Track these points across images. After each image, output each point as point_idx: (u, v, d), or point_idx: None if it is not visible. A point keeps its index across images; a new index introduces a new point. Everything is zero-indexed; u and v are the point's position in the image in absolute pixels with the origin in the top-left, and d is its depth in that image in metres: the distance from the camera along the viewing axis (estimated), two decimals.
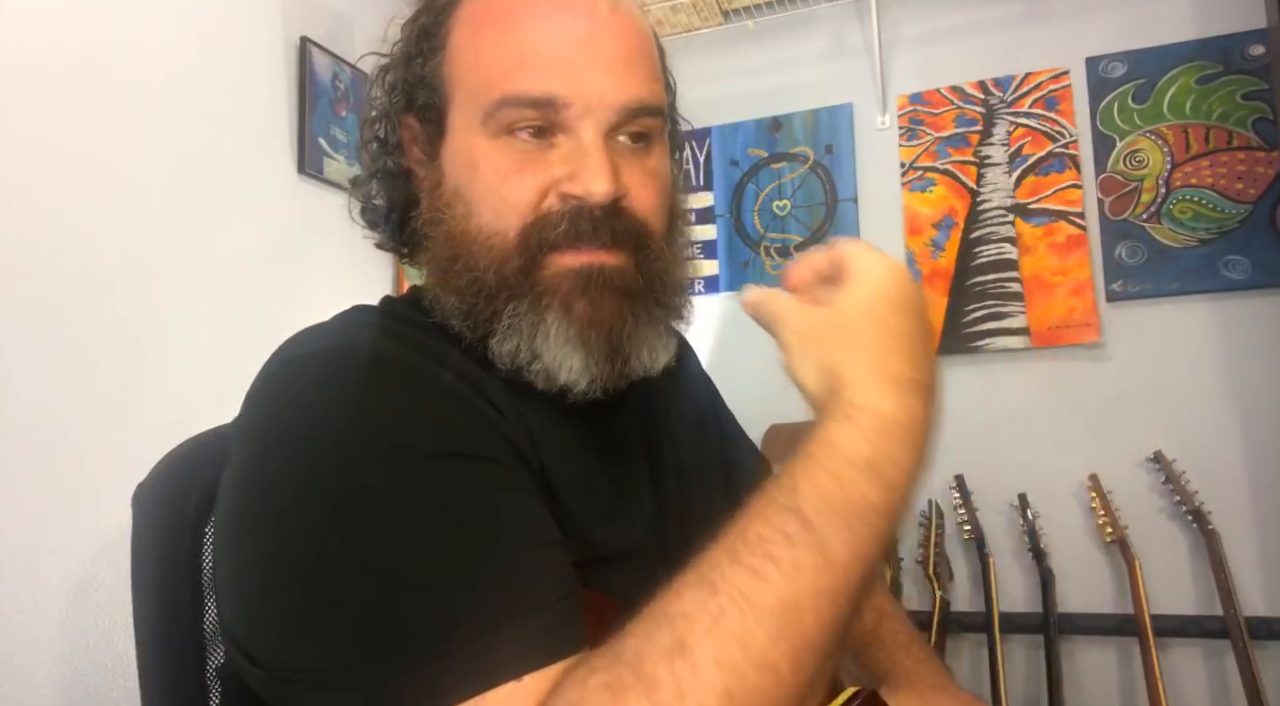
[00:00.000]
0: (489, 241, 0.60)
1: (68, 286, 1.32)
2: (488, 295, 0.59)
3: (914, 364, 0.49)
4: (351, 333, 0.57)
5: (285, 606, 0.47)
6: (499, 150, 0.60)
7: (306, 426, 0.50)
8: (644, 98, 0.62)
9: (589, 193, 0.58)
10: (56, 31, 1.34)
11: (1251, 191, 1.84)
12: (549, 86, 0.59)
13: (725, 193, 2.28)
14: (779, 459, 1.85)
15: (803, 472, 0.45)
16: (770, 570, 0.40)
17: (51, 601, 1.26)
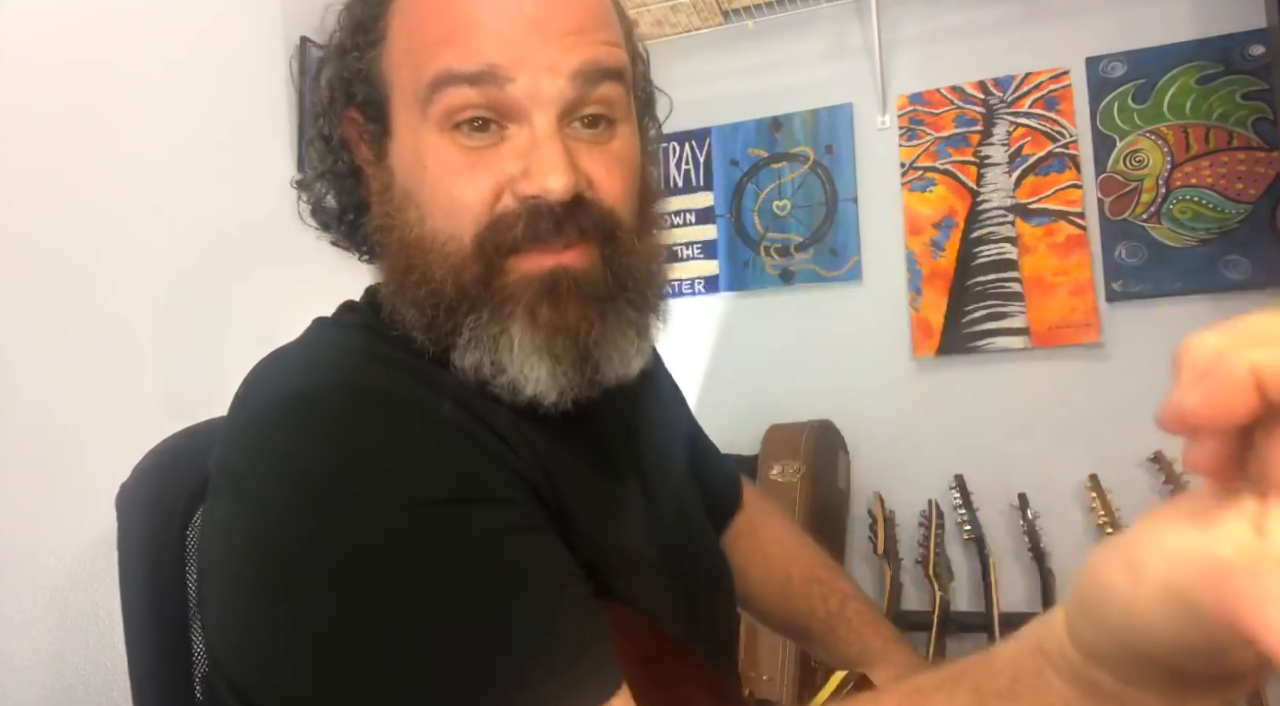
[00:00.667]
0: (444, 248, 0.56)
1: (67, 286, 1.32)
2: (447, 307, 0.55)
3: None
4: (340, 364, 0.54)
5: (311, 675, 0.45)
6: (446, 147, 0.55)
7: (314, 481, 0.47)
8: (600, 59, 0.56)
9: (545, 190, 0.54)
10: (56, 31, 1.34)
11: (1251, 191, 1.84)
12: (486, 56, 0.53)
13: (725, 193, 2.28)
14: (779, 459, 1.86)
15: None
16: None
17: (51, 601, 1.26)
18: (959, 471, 1.96)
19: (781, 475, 1.83)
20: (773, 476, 1.83)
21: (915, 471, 2.01)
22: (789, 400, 2.08)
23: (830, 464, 1.93)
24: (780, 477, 1.83)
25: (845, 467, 2.01)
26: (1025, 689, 0.35)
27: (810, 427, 1.92)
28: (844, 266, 2.15)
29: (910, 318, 2.06)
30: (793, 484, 1.81)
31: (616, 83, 0.58)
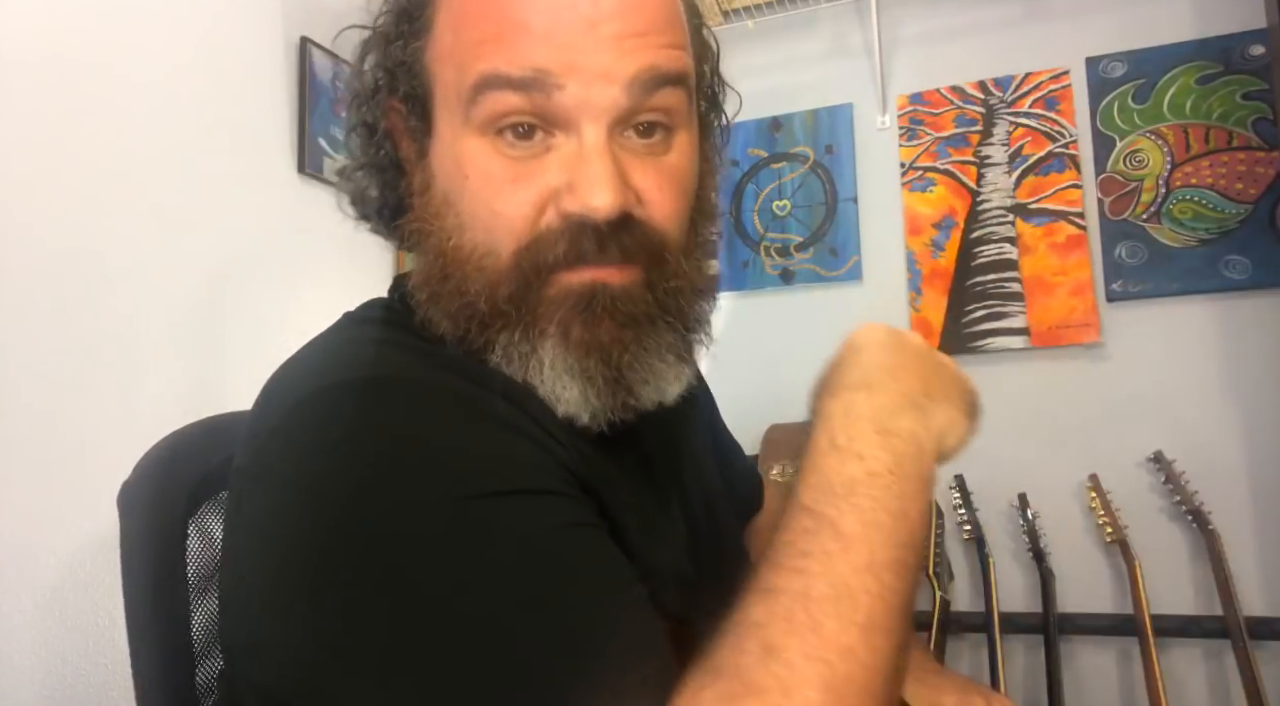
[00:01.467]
0: (481, 262, 0.53)
1: (67, 286, 1.32)
2: (480, 322, 0.53)
3: (856, 375, 0.51)
4: (382, 357, 0.52)
5: (362, 670, 0.42)
6: (489, 154, 0.52)
7: (361, 472, 0.44)
8: (659, 64, 0.52)
9: (590, 209, 0.50)
10: (56, 31, 1.34)
11: (1251, 191, 1.84)
12: (535, 59, 0.49)
13: (725, 193, 2.28)
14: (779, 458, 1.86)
15: (799, 477, 0.47)
16: (809, 564, 0.42)
17: (51, 601, 1.26)
18: (959, 471, 1.96)
19: (781, 475, 1.83)
20: (773, 476, 1.83)
21: None
22: (789, 400, 2.06)
23: None
24: (780, 477, 1.82)
25: None
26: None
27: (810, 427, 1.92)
28: (844, 266, 2.15)
29: (910, 318, 2.06)
30: (793, 484, 1.81)
31: (677, 88, 0.54)
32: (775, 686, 0.38)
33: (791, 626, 0.40)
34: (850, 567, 0.42)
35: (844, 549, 0.42)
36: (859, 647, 0.40)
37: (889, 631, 0.41)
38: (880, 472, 0.45)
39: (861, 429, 0.47)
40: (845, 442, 0.47)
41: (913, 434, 0.48)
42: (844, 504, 0.44)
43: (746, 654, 0.40)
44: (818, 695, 0.38)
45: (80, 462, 1.30)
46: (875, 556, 0.43)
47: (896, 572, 0.43)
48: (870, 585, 0.42)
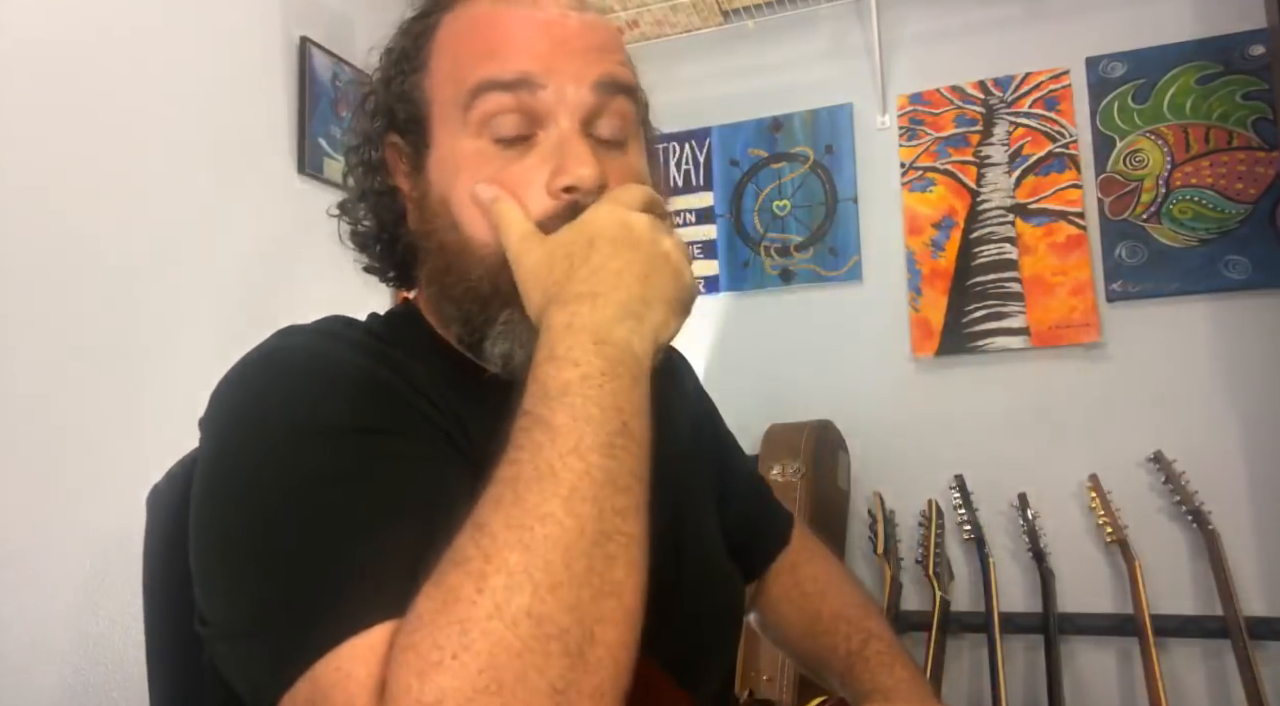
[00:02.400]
0: (479, 252, 0.61)
1: (68, 286, 1.32)
2: (482, 302, 0.61)
3: (586, 282, 0.54)
4: (298, 335, 0.60)
5: (220, 565, 0.52)
6: (480, 154, 0.61)
7: (248, 412, 0.55)
8: (616, 75, 0.63)
9: (579, 179, 0.59)
10: (56, 31, 1.34)
11: (1251, 191, 1.84)
12: (521, 66, 0.60)
13: (725, 193, 2.28)
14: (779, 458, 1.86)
15: (523, 384, 0.51)
16: (520, 455, 0.47)
17: (52, 601, 1.26)
18: (959, 471, 1.96)
19: (781, 475, 1.83)
20: (773, 476, 1.83)
21: (915, 471, 2.01)
22: (789, 400, 2.08)
23: (830, 463, 1.93)
24: (780, 477, 1.83)
25: (845, 467, 2.01)
26: None
27: (810, 427, 1.92)
28: (844, 266, 2.15)
29: (910, 317, 2.06)
30: (793, 484, 1.81)
31: (629, 99, 0.65)
32: (477, 554, 0.43)
33: (498, 505, 0.45)
34: (556, 453, 0.46)
35: (552, 439, 0.47)
36: (559, 512, 0.44)
37: (595, 500, 0.45)
38: (593, 375, 0.50)
39: (580, 339, 0.51)
40: (564, 352, 0.51)
41: (627, 341, 0.52)
42: (556, 403, 0.48)
43: (460, 535, 0.45)
44: (516, 555, 0.42)
45: (82, 465, 1.30)
46: (583, 442, 0.47)
47: (606, 453, 0.47)
48: (574, 464, 0.46)
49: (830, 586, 0.87)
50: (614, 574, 0.44)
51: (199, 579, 0.53)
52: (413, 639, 0.41)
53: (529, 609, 0.41)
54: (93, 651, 1.30)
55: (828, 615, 0.84)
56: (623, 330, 0.53)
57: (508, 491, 0.45)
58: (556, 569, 0.43)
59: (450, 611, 0.41)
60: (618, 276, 0.55)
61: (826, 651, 0.82)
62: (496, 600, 0.41)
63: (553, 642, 0.41)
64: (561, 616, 0.42)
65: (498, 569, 0.42)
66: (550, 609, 0.42)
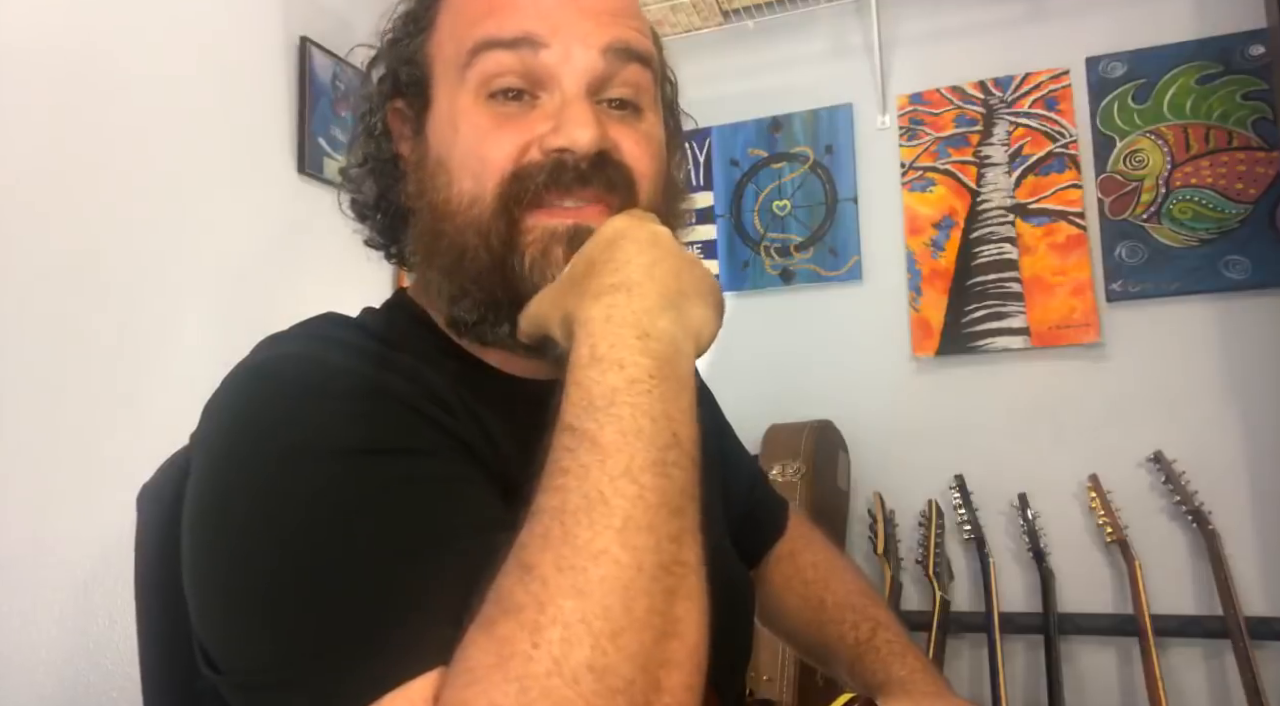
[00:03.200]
0: (470, 211, 0.57)
1: (68, 286, 1.32)
2: (476, 272, 0.57)
3: (615, 274, 0.50)
4: (299, 342, 0.56)
5: (233, 608, 0.47)
6: (480, 110, 0.58)
7: (245, 435, 0.50)
8: (629, 40, 0.59)
9: (573, 141, 0.56)
10: (56, 31, 1.34)
11: (1251, 191, 1.84)
12: (524, 25, 0.57)
13: (725, 193, 2.28)
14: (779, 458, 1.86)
15: (562, 400, 0.47)
16: (566, 480, 0.43)
17: (52, 601, 1.26)
18: (959, 471, 1.96)
19: (781, 475, 1.83)
20: (773, 476, 1.83)
21: (915, 471, 2.01)
22: (789, 400, 2.07)
23: (830, 464, 1.93)
24: (780, 477, 1.83)
25: (845, 467, 2.01)
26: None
27: (810, 427, 1.92)
28: (844, 266, 2.15)
29: (910, 318, 2.06)
30: (793, 484, 1.81)
31: (645, 68, 0.60)
32: (530, 602, 0.39)
33: (547, 542, 0.41)
34: (606, 476, 0.42)
35: (601, 460, 0.43)
36: (613, 548, 0.40)
37: (650, 528, 0.42)
38: (640, 378, 0.46)
39: (622, 335, 0.47)
40: (606, 351, 0.47)
41: (671, 335, 0.49)
42: (603, 416, 0.44)
43: (508, 577, 0.41)
44: (571, 602, 0.39)
45: (81, 465, 1.30)
46: (634, 461, 0.43)
47: (659, 472, 0.43)
48: (626, 489, 0.42)
49: (832, 573, 0.85)
50: (675, 611, 0.41)
51: (204, 619, 0.49)
52: (465, 696, 0.38)
53: (590, 662, 0.38)
54: (92, 652, 1.30)
55: (832, 603, 0.82)
56: (666, 322, 0.49)
57: (555, 525, 0.41)
58: (616, 614, 0.39)
59: (507, 667, 0.38)
60: (650, 269, 0.51)
61: (833, 640, 0.80)
62: (554, 654, 0.38)
63: (618, 697, 0.38)
64: (624, 666, 0.38)
65: (553, 619, 0.38)
66: (613, 660, 0.38)
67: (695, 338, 0.51)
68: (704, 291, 0.53)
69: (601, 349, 0.47)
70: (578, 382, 0.46)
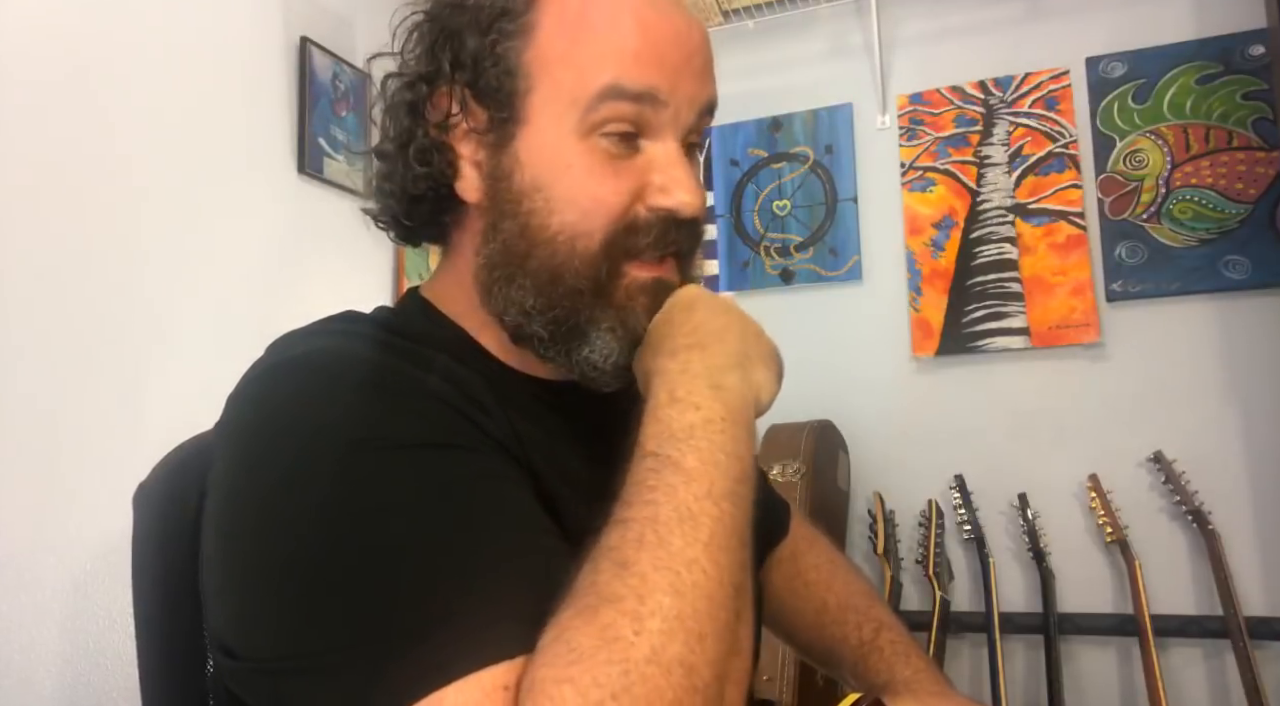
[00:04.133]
0: (572, 242, 0.59)
1: (68, 286, 1.32)
2: (572, 297, 0.59)
3: (690, 337, 0.57)
4: (334, 337, 0.57)
5: (275, 596, 0.47)
6: (592, 151, 0.59)
7: (291, 426, 0.50)
8: (714, 100, 0.65)
9: (682, 205, 0.60)
10: (56, 31, 1.34)
11: (1251, 191, 1.84)
12: (651, 80, 0.59)
13: (725, 193, 2.28)
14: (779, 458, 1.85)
15: (641, 430, 0.52)
16: (656, 496, 0.47)
17: (51, 601, 1.26)
18: (959, 471, 1.96)
19: (781, 475, 1.83)
20: (773, 476, 1.83)
21: (915, 471, 2.01)
22: (789, 400, 2.05)
23: (830, 464, 1.93)
24: (780, 477, 1.83)
25: (845, 467, 2.01)
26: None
27: (810, 427, 1.92)
28: (844, 266, 2.15)
29: (910, 318, 2.06)
30: (793, 484, 1.81)
31: (710, 117, 0.66)
32: (630, 594, 0.42)
33: (642, 545, 0.44)
34: (693, 495, 0.47)
35: (686, 481, 0.47)
36: (703, 559, 0.44)
37: (729, 549, 0.46)
38: (715, 420, 0.51)
39: (697, 384, 0.53)
40: (684, 396, 0.52)
41: (739, 389, 0.55)
42: (685, 446, 0.49)
43: (602, 572, 0.44)
44: (669, 598, 0.42)
45: (81, 465, 1.30)
46: (715, 487, 0.48)
47: (734, 502, 0.48)
48: (710, 510, 0.46)
49: (834, 575, 0.86)
50: (741, 630, 0.45)
51: (231, 606, 0.49)
52: (570, 672, 0.40)
53: (682, 658, 0.41)
54: (92, 652, 1.30)
55: (834, 605, 0.83)
56: (733, 378, 0.55)
57: (649, 532, 0.45)
58: (704, 618, 0.42)
59: (611, 649, 0.40)
60: (722, 332, 0.58)
61: (836, 642, 0.81)
62: (654, 644, 0.40)
63: (698, 696, 0.41)
64: (706, 670, 0.41)
65: (653, 612, 0.41)
66: (699, 660, 0.41)
67: (756, 395, 0.57)
68: (766, 356, 0.60)
69: (679, 393, 0.53)
70: (657, 419, 0.52)
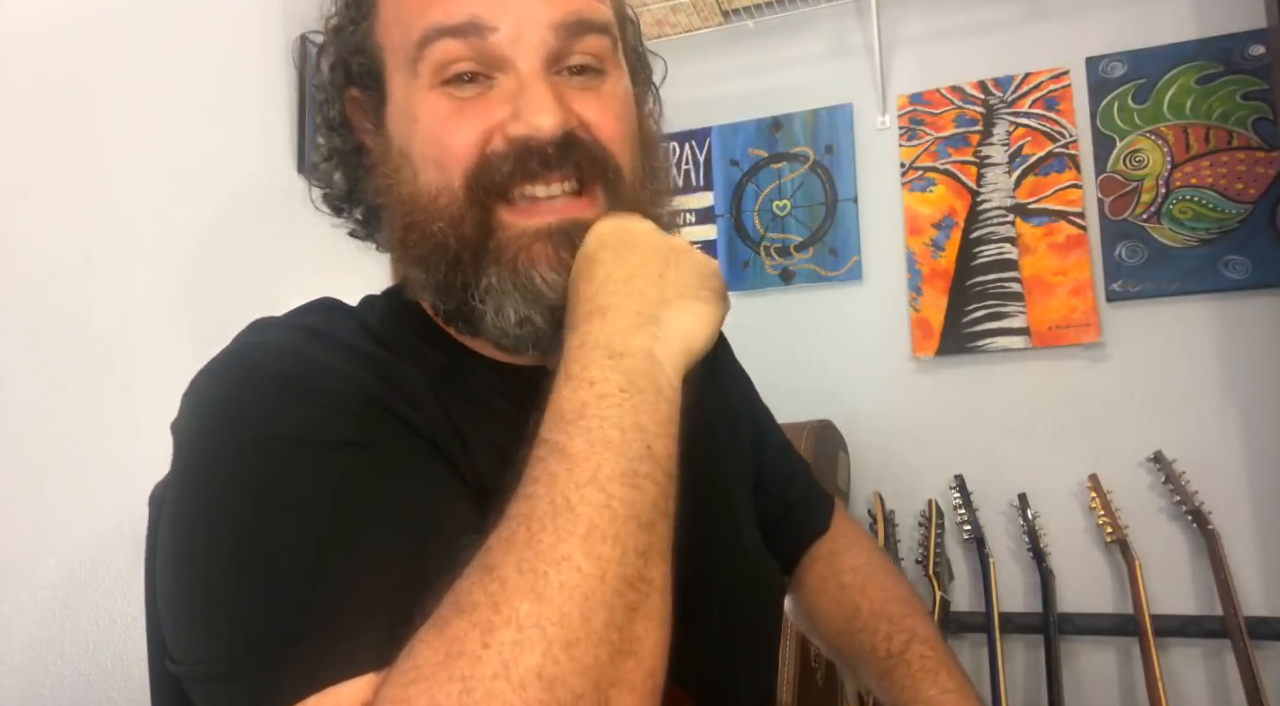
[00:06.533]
0: (437, 201, 0.56)
1: (67, 286, 1.32)
2: (450, 262, 0.57)
3: (591, 301, 0.51)
4: (283, 331, 0.56)
5: (178, 596, 0.47)
6: (436, 99, 0.56)
7: (209, 424, 0.50)
8: (581, 11, 0.57)
9: (535, 128, 0.55)
10: (55, 30, 1.34)
11: (1251, 191, 1.84)
12: (469, 8, 0.55)
13: (725, 193, 2.28)
14: None
15: (538, 414, 0.48)
16: (536, 488, 0.43)
17: (51, 601, 1.26)
18: (959, 471, 1.96)
19: None
20: None
21: (915, 471, 2.01)
22: (789, 400, 2.06)
23: (830, 464, 1.93)
24: None
25: (845, 467, 2.01)
26: None
27: (810, 427, 1.92)
28: (844, 266, 2.15)
29: (910, 318, 2.06)
30: None
31: (602, 36, 0.59)
32: (486, 602, 0.39)
33: (510, 545, 0.41)
34: (573, 484, 0.42)
35: (568, 469, 0.43)
36: (576, 555, 0.40)
37: (617, 539, 0.41)
38: (611, 393, 0.46)
39: (594, 356, 0.48)
40: (578, 372, 0.48)
41: (646, 351, 0.49)
42: (572, 427, 0.45)
43: (468, 578, 0.40)
44: (529, 604, 0.38)
45: (80, 463, 1.30)
46: (601, 470, 0.43)
47: (628, 482, 0.43)
48: (593, 497, 0.42)
49: (871, 579, 0.80)
50: (634, 629, 0.40)
51: (163, 609, 0.49)
52: (407, 693, 0.37)
53: (539, 670, 0.37)
54: (92, 652, 1.30)
55: (867, 611, 0.77)
56: (641, 338, 0.49)
57: (520, 529, 0.41)
58: (573, 622, 0.38)
59: (452, 666, 0.37)
60: (627, 284, 0.51)
61: (865, 650, 0.76)
62: (504, 657, 0.37)
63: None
64: (575, 679, 0.37)
65: (507, 620, 0.38)
66: (563, 670, 0.37)
67: (682, 343, 0.51)
68: (693, 287, 0.53)
69: (574, 369, 0.48)
70: (551, 401, 0.47)
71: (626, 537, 0.41)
